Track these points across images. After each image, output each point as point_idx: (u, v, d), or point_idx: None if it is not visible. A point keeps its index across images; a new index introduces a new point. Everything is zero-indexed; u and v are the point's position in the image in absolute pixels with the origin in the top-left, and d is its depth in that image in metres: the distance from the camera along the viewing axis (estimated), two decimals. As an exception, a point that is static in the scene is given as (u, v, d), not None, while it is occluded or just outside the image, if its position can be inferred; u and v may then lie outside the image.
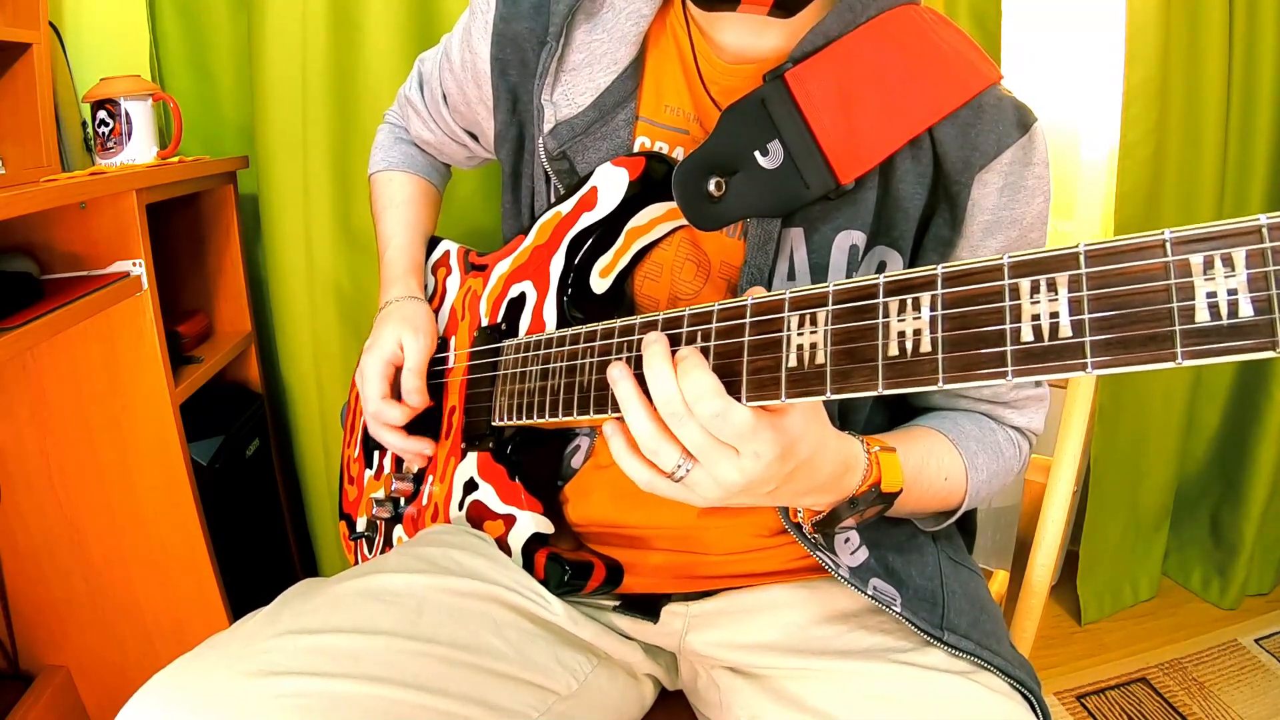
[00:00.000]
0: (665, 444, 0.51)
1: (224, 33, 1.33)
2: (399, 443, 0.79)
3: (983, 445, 0.70)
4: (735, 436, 0.48)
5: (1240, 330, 0.31)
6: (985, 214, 0.66)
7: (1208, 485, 1.77)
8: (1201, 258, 0.32)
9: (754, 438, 0.48)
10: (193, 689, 0.51)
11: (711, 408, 0.48)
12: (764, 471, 0.49)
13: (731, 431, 0.48)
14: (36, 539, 1.14)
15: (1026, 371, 0.36)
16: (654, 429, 0.51)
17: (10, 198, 0.81)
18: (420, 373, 0.79)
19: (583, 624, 0.69)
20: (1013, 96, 0.67)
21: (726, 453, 0.49)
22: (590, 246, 0.69)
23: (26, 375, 1.07)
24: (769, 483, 0.50)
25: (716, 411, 0.48)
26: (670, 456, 0.51)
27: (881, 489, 0.58)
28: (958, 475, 0.67)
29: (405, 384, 0.78)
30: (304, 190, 1.28)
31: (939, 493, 0.67)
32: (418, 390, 0.78)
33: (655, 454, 0.51)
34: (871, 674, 0.64)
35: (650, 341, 0.52)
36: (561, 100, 0.72)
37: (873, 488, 0.58)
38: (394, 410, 0.77)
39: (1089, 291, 0.35)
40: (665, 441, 0.51)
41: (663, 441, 0.51)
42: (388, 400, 0.78)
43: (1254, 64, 1.48)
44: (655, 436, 0.51)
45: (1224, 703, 1.43)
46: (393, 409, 0.77)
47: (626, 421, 0.52)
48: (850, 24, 0.64)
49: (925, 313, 0.40)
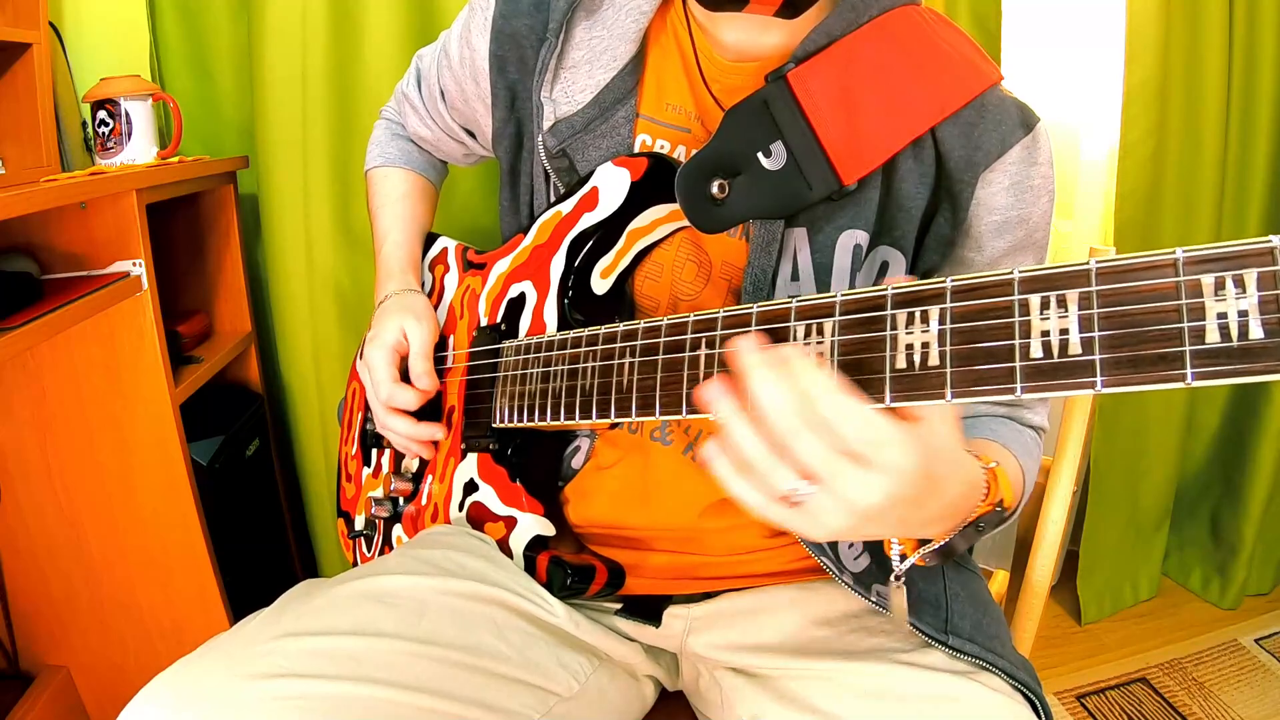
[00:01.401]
0: (779, 465, 0.43)
1: (224, 33, 1.33)
2: (408, 429, 0.78)
3: (1023, 448, 0.69)
4: (870, 445, 0.41)
5: (1251, 352, 0.31)
6: (994, 214, 0.66)
7: (1208, 485, 1.78)
8: (1213, 278, 0.32)
9: (890, 445, 0.41)
10: (193, 691, 0.51)
11: (840, 410, 0.41)
12: (901, 489, 0.42)
13: (865, 438, 0.41)
14: (36, 539, 1.13)
15: (1035, 388, 0.36)
16: (764, 449, 0.43)
17: (10, 198, 0.81)
18: (428, 356, 0.78)
19: (584, 626, 0.69)
20: (1014, 97, 0.66)
21: (857, 470, 0.42)
22: (591, 248, 0.69)
23: (26, 375, 1.06)
24: (901, 505, 0.43)
25: (846, 413, 0.41)
26: (786, 477, 0.43)
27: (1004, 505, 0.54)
28: (1020, 480, 0.65)
29: (413, 368, 0.78)
30: (304, 190, 1.28)
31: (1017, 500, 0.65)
32: (427, 373, 0.77)
33: (769, 474, 0.44)
34: (873, 674, 0.64)
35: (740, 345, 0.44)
36: (561, 97, 0.71)
37: (996, 508, 0.53)
38: (407, 394, 0.76)
39: (1099, 309, 0.35)
40: (780, 463, 0.43)
41: (775, 461, 0.43)
42: (401, 384, 0.77)
43: (1254, 64, 1.48)
44: (767, 456, 0.43)
45: (1224, 703, 1.43)
46: (405, 392, 0.76)
47: (733, 443, 0.44)
48: (852, 24, 0.64)
49: (934, 326, 0.40)
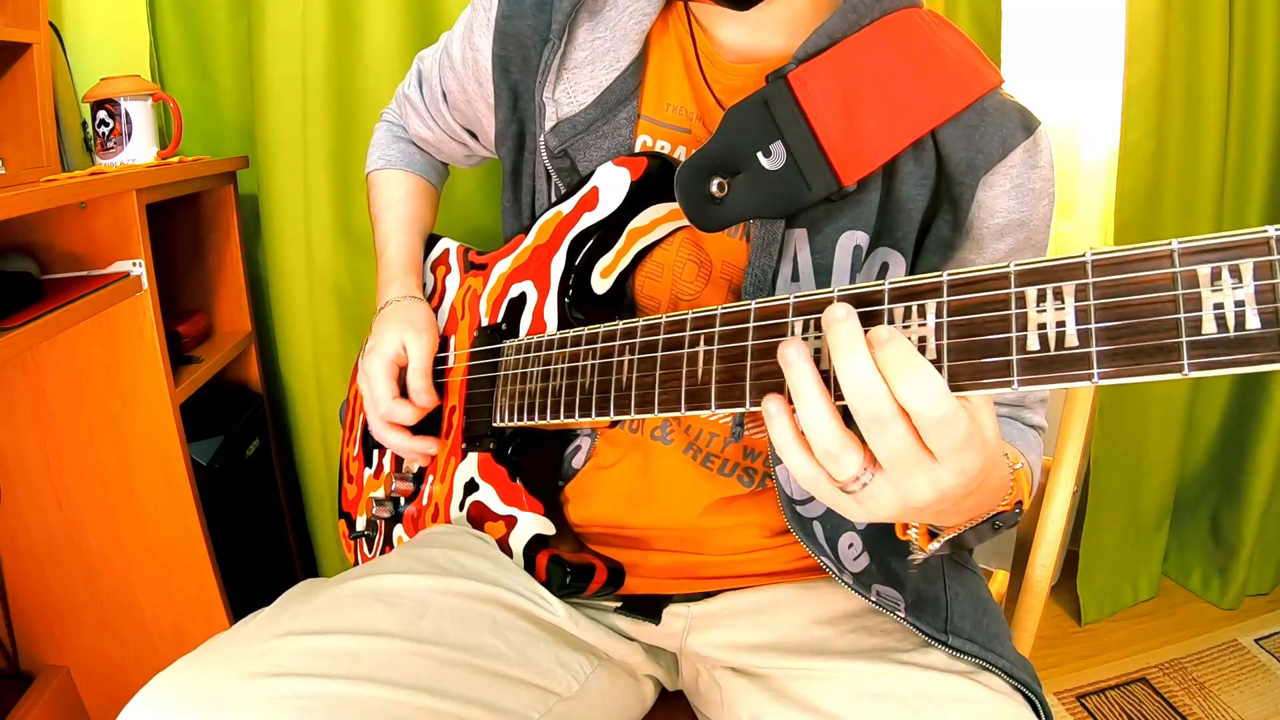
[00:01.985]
0: (850, 448, 0.42)
1: (224, 33, 1.33)
2: (404, 443, 0.78)
3: (1029, 447, 0.70)
4: (950, 445, 0.40)
5: (1247, 342, 0.31)
6: (996, 217, 0.66)
7: (1208, 485, 1.77)
8: (1209, 269, 0.32)
9: (967, 447, 0.41)
10: (193, 690, 0.51)
11: (941, 409, 0.39)
12: (960, 485, 0.42)
13: (948, 441, 0.40)
14: (36, 539, 1.13)
15: (1032, 381, 0.36)
16: (837, 431, 0.42)
17: (10, 198, 0.81)
18: (426, 372, 0.78)
19: (584, 625, 0.69)
20: (1015, 100, 0.67)
21: (927, 464, 0.41)
22: (591, 247, 0.69)
23: (26, 375, 1.06)
24: (951, 499, 0.43)
25: (944, 415, 0.39)
26: (853, 463, 0.42)
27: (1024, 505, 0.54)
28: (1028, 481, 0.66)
29: (412, 384, 0.78)
30: (304, 190, 1.28)
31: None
32: (425, 390, 0.78)
33: (835, 458, 0.42)
34: (873, 674, 0.64)
35: (838, 318, 0.41)
36: (563, 98, 0.72)
37: (1017, 505, 0.54)
38: (405, 410, 0.77)
39: (1095, 301, 0.35)
40: (851, 446, 0.42)
41: (848, 445, 0.42)
42: (399, 400, 0.77)
43: (1254, 64, 1.48)
44: (839, 439, 0.42)
45: (1224, 703, 1.43)
46: (404, 408, 0.77)
47: (800, 416, 0.43)
48: (854, 25, 0.64)
49: (930, 320, 0.40)
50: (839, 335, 0.41)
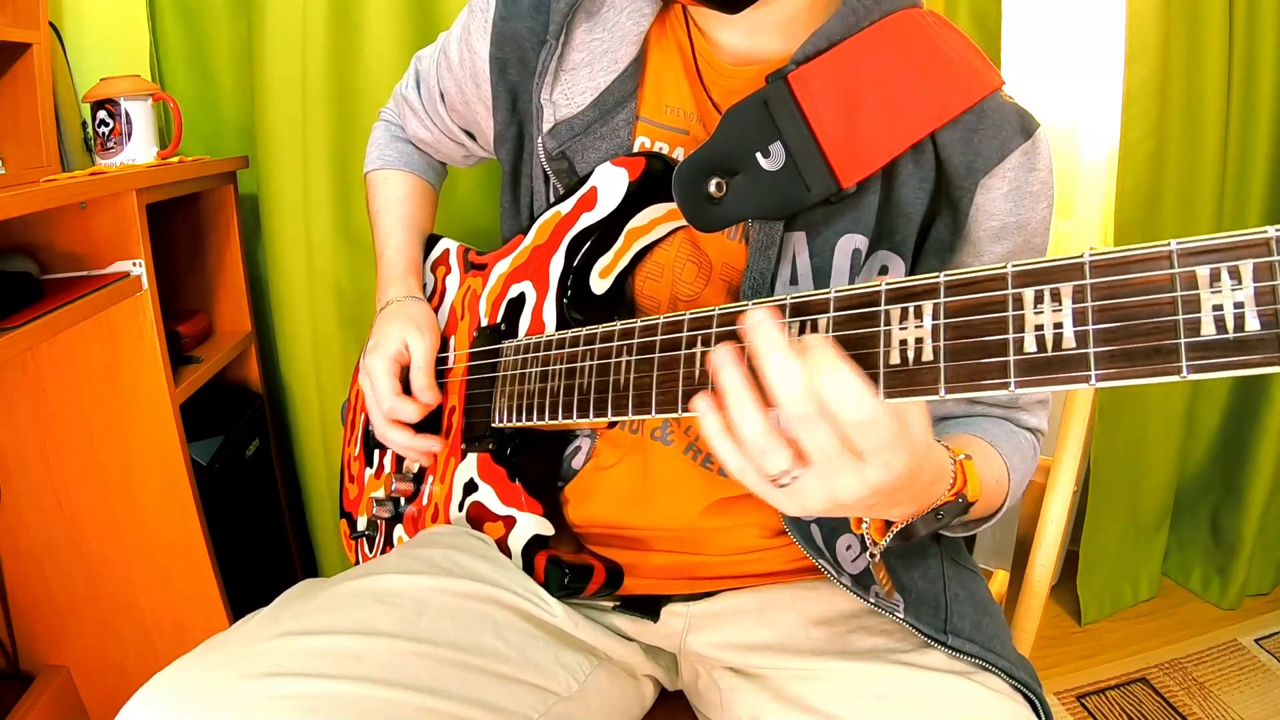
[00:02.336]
0: (778, 446, 0.43)
1: (224, 33, 1.33)
2: (407, 441, 0.78)
3: (1014, 447, 0.70)
4: (874, 446, 0.42)
5: (1246, 344, 0.30)
6: (993, 219, 0.67)
7: (1208, 485, 1.77)
8: (1208, 270, 0.32)
9: (892, 447, 0.42)
10: (192, 690, 0.51)
11: (862, 413, 0.40)
12: (888, 483, 0.43)
13: (872, 441, 0.41)
14: (36, 539, 1.13)
15: (1029, 383, 0.36)
16: (766, 428, 0.43)
17: (10, 198, 0.81)
18: (428, 370, 0.78)
19: (583, 625, 0.69)
20: (1014, 102, 0.67)
21: (853, 464, 0.42)
22: (590, 247, 0.69)
23: (26, 375, 1.06)
24: (881, 495, 0.44)
25: (865, 419, 0.41)
26: (780, 460, 0.43)
27: (967, 497, 0.55)
28: (1004, 478, 0.66)
29: (415, 382, 0.78)
30: (304, 190, 1.28)
31: (992, 495, 0.65)
32: (428, 387, 0.78)
33: (763, 454, 0.44)
34: (872, 674, 0.64)
35: (759, 321, 0.43)
36: (561, 100, 0.72)
37: (959, 496, 0.54)
38: (409, 407, 0.77)
39: (1093, 302, 0.34)
40: (778, 443, 0.43)
41: (776, 443, 0.43)
42: (402, 397, 0.77)
43: (1254, 64, 1.48)
44: (767, 436, 0.43)
45: (1224, 703, 1.43)
46: (408, 405, 0.77)
47: (731, 415, 0.44)
48: (854, 27, 0.64)
49: (927, 321, 0.40)
50: (757, 339, 0.43)
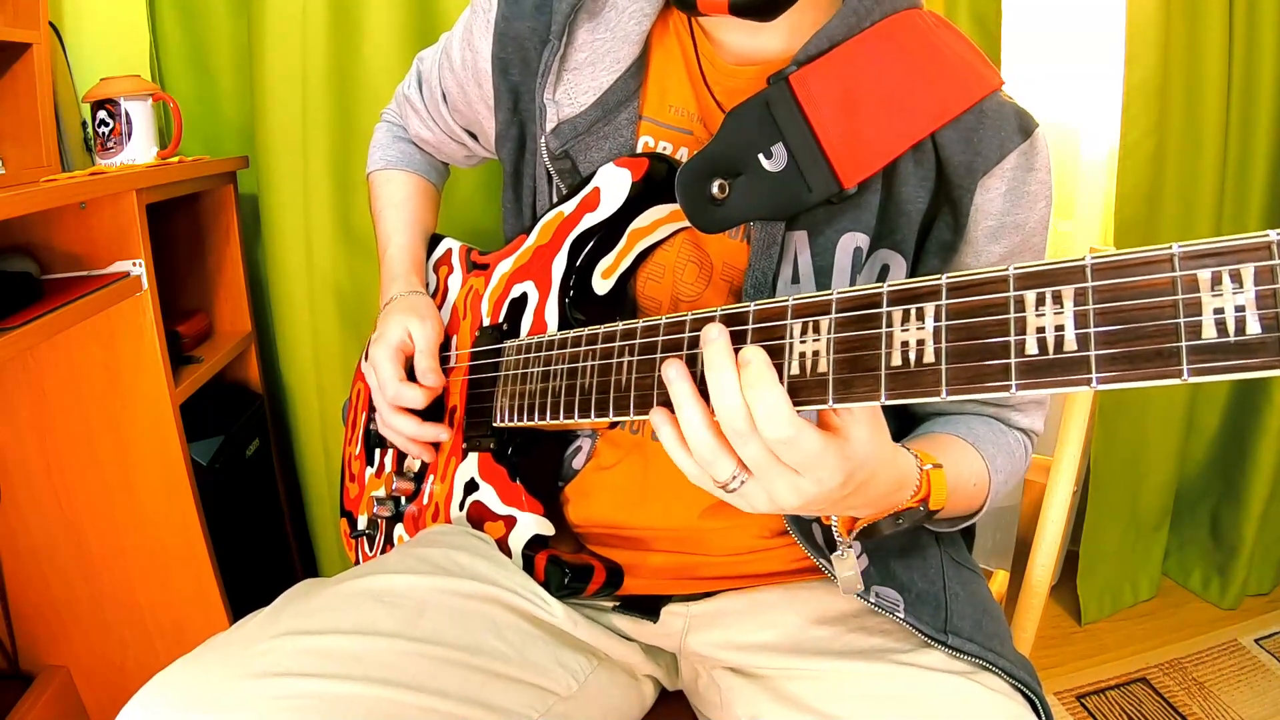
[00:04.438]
0: (723, 456, 0.47)
1: (224, 33, 1.33)
2: (413, 429, 0.77)
3: (999, 448, 0.70)
4: (800, 462, 0.46)
5: (1247, 348, 0.30)
6: (990, 219, 0.67)
7: (1208, 485, 1.78)
8: (1209, 273, 0.31)
9: (819, 464, 0.46)
10: (192, 690, 0.51)
11: (780, 432, 0.44)
12: (823, 494, 0.47)
13: (797, 457, 0.45)
14: (36, 539, 1.13)
15: (1030, 385, 0.36)
16: (711, 439, 0.47)
17: (10, 198, 0.81)
18: (433, 353, 0.78)
19: (583, 626, 0.69)
20: (1014, 102, 0.67)
21: (787, 474, 0.46)
22: (592, 248, 0.69)
23: (26, 375, 1.06)
24: (823, 501, 0.48)
25: (785, 438, 0.44)
26: (726, 468, 0.48)
27: (929, 505, 0.57)
28: (983, 480, 0.67)
29: (418, 365, 0.77)
30: (304, 190, 1.28)
31: (968, 498, 0.66)
32: (432, 370, 0.77)
33: (710, 464, 0.48)
34: (872, 674, 0.64)
35: (712, 338, 0.47)
36: (564, 99, 0.72)
37: (921, 504, 0.57)
38: (414, 392, 0.76)
39: (1095, 305, 0.34)
40: (723, 453, 0.47)
41: (720, 453, 0.47)
42: (407, 383, 0.76)
43: (1254, 64, 1.48)
44: (712, 447, 0.47)
45: (1224, 703, 1.44)
46: (412, 390, 0.76)
47: (681, 425, 0.48)
48: (855, 28, 0.64)
49: (929, 323, 0.40)
50: (709, 354, 0.46)
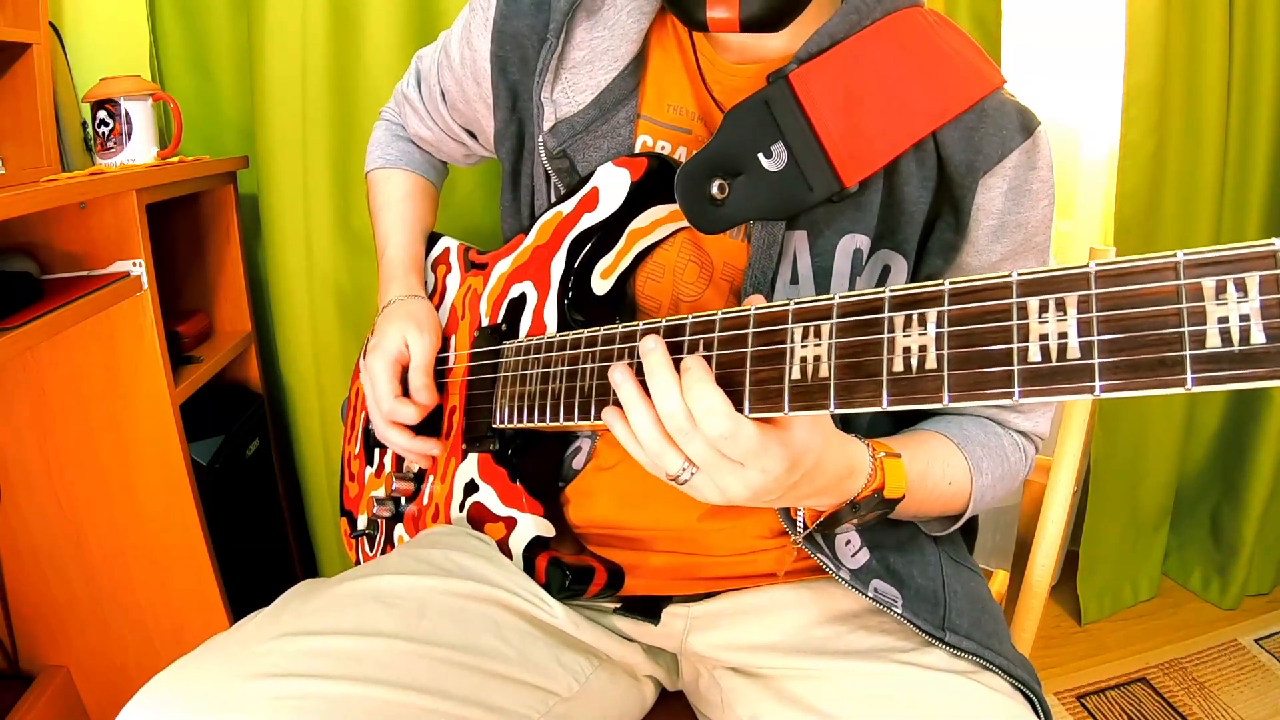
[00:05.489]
0: (669, 451, 0.50)
1: (224, 33, 1.33)
2: (406, 443, 0.78)
3: (988, 450, 0.70)
4: (742, 455, 0.48)
5: (1252, 357, 0.30)
6: (991, 218, 0.66)
7: (1208, 485, 1.78)
8: (1214, 281, 0.31)
9: (762, 455, 0.48)
10: (192, 690, 0.51)
11: (719, 428, 0.47)
12: (769, 484, 0.50)
13: (739, 450, 0.48)
14: (37, 539, 1.13)
15: (1033, 392, 0.36)
16: (658, 436, 0.51)
17: (10, 198, 0.81)
18: (427, 371, 0.78)
19: (583, 626, 0.69)
20: (1015, 101, 0.67)
21: (732, 467, 0.49)
22: (591, 248, 0.69)
23: (26, 375, 1.06)
24: (772, 492, 0.51)
25: (725, 433, 0.47)
26: (674, 463, 0.51)
27: (884, 495, 0.58)
28: (962, 480, 0.67)
29: (412, 382, 0.78)
30: (304, 190, 1.28)
31: (943, 496, 0.66)
32: (426, 388, 0.78)
33: (659, 458, 0.51)
34: (873, 674, 0.64)
35: (649, 349, 0.51)
36: (562, 98, 0.71)
37: (875, 493, 0.58)
38: (408, 409, 0.77)
39: (1098, 313, 0.34)
40: (669, 449, 0.50)
41: (666, 448, 0.51)
42: (401, 399, 0.77)
43: (1254, 64, 1.48)
44: (659, 443, 0.51)
45: (1224, 703, 1.44)
46: (407, 407, 0.77)
47: (630, 424, 0.52)
48: (855, 26, 0.63)
49: (931, 329, 0.40)
50: (648, 363, 0.50)
